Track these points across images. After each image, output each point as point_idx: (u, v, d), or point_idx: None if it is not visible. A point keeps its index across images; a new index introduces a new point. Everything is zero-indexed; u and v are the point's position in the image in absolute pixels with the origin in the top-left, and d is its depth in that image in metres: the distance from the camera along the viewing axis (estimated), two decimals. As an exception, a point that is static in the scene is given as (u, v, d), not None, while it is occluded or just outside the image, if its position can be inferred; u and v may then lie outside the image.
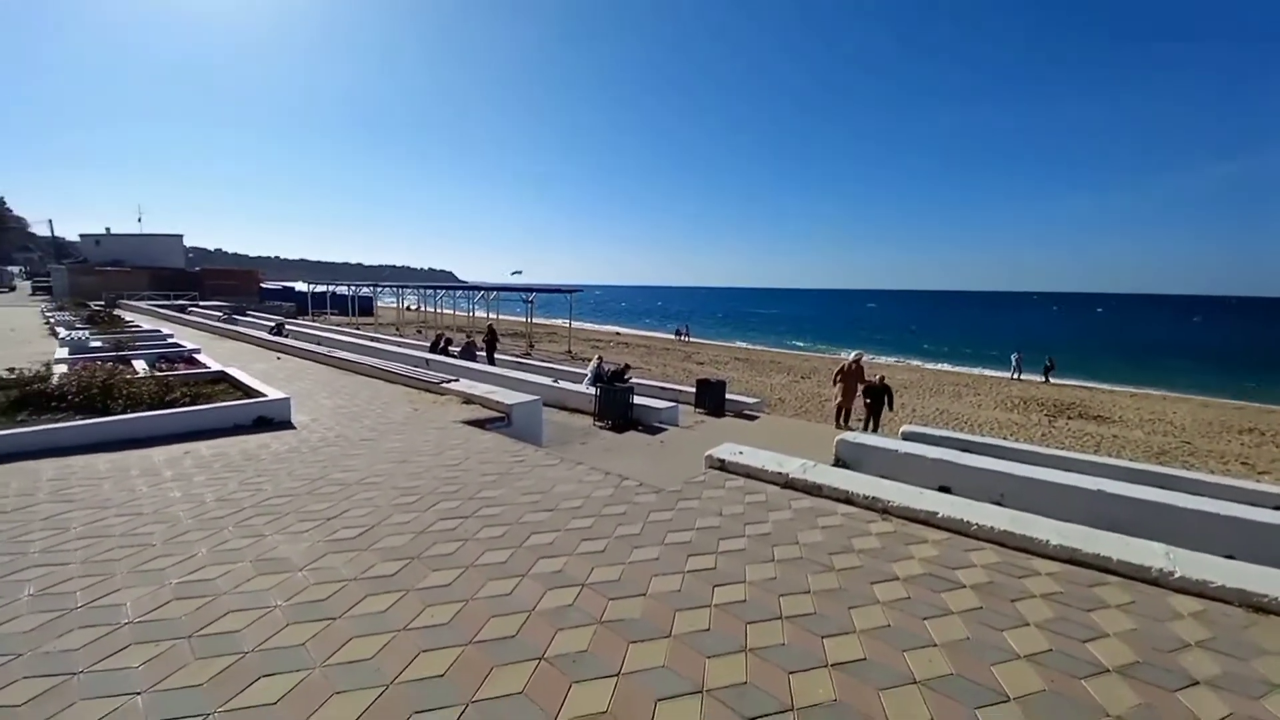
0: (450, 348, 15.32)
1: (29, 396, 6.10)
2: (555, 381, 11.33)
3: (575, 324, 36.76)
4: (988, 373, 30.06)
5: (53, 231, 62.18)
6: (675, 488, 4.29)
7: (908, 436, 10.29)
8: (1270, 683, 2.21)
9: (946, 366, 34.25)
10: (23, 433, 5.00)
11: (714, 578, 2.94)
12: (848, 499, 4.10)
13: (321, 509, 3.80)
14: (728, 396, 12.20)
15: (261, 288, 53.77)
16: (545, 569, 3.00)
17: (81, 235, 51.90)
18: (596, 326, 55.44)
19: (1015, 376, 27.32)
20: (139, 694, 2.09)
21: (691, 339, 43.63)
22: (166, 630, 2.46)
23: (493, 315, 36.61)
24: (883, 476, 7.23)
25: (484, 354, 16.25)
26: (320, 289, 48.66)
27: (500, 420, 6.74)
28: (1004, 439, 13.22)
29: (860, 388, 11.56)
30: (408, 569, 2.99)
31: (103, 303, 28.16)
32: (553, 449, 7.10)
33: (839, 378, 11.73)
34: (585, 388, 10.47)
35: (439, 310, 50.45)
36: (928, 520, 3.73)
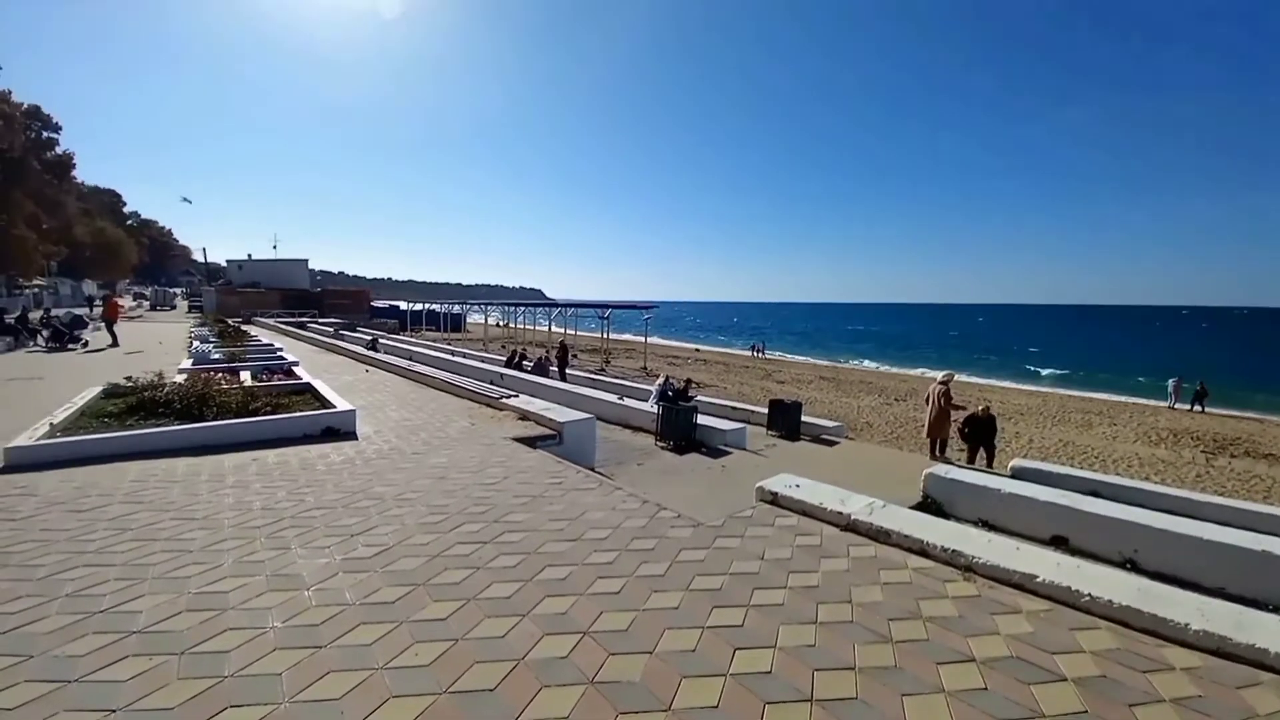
0: (524, 363, 15.72)
1: (143, 403, 6.82)
2: (621, 399, 11.18)
3: (653, 340, 36.83)
4: (1129, 399, 26.29)
5: (205, 258, 72.31)
6: (716, 522, 3.88)
7: (1018, 473, 9.03)
8: None
9: (1075, 391, 30.47)
10: (122, 435, 5.55)
11: (738, 637, 2.52)
12: (922, 550, 3.48)
13: (351, 524, 3.80)
14: (805, 419, 11.44)
15: (371, 306, 59.02)
16: (550, 609, 2.73)
17: (228, 261, 59.88)
18: (675, 343, 55.34)
19: (1172, 405, 23.67)
20: (114, 710, 2.06)
21: (767, 355, 42.29)
22: (166, 644, 2.45)
23: (570, 331, 37.55)
24: (981, 521, 6.41)
25: (557, 370, 16.53)
26: (418, 307, 52.57)
27: (551, 438, 6.64)
28: (1145, 480, 11.35)
29: (953, 414, 10.36)
30: (410, 597, 2.84)
31: (239, 319, 32.03)
32: (606, 469, 6.89)
33: (928, 401, 10.62)
34: (650, 406, 10.22)
35: (522, 326, 52.78)
36: (1024, 585, 3.05)
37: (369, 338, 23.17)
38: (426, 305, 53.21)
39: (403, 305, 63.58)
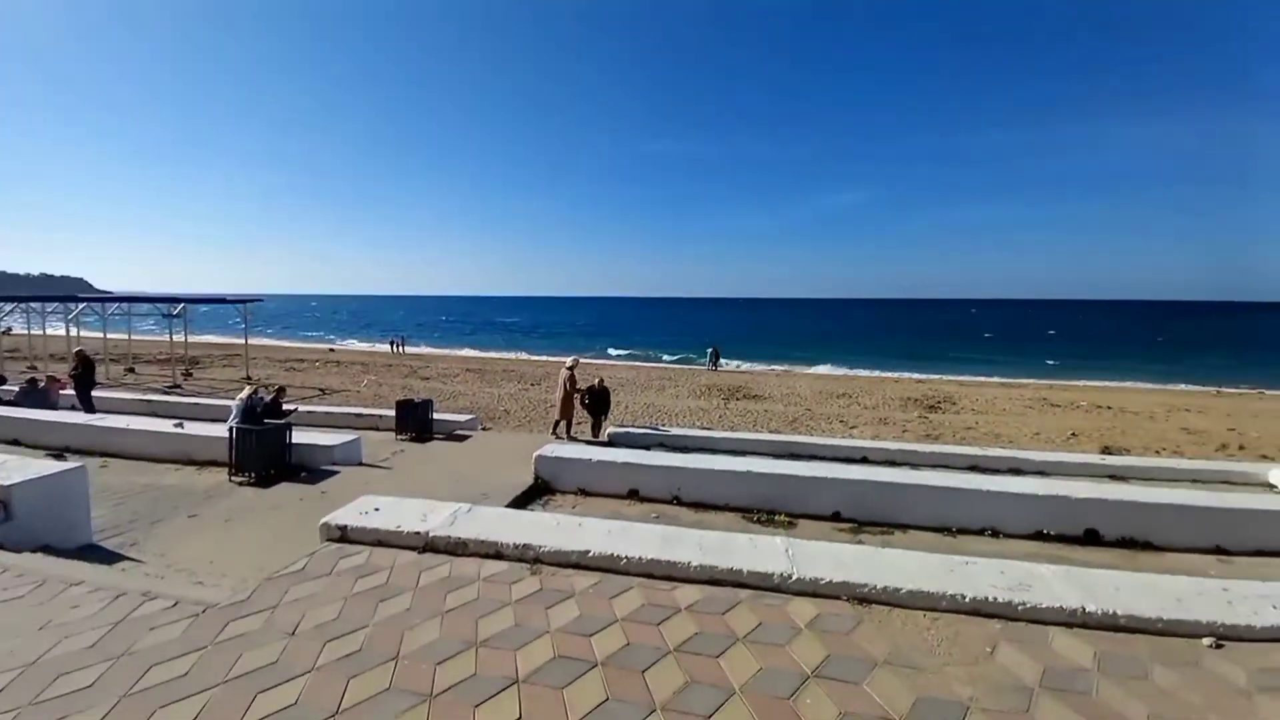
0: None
1: None
2: (180, 426, 8.11)
3: (273, 342, 29.39)
4: (686, 366, 34.54)
5: None
6: (241, 595, 2.80)
7: (614, 438, 10.38)
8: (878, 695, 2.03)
9: (655, 363, 38.40)
10: None
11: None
12: (497, 553, 3.24)
13: None
14: (437, 416, 10.64)
15: None
16: None
17: None
18: (304, 344, 46.14)
19: (711, 367, 31.85)
20: None
21: (407, 350, 39.25)
22: None
23: (125, 336, 26.73)
24: (581, 489, 6.91)
25: (75, 393, 11.04)
26: None
27: (-11, 516, 4.03)
28: (694, 426, 14.75)
29: (578, 394, 11.27)
30: None
31: None
32: (128, 535, 4.66)
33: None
34: (224, 430, 7.69)
35: (35, 333, 34.74)
36: (580, 563, 3.11)
37: None
38: None
39: None
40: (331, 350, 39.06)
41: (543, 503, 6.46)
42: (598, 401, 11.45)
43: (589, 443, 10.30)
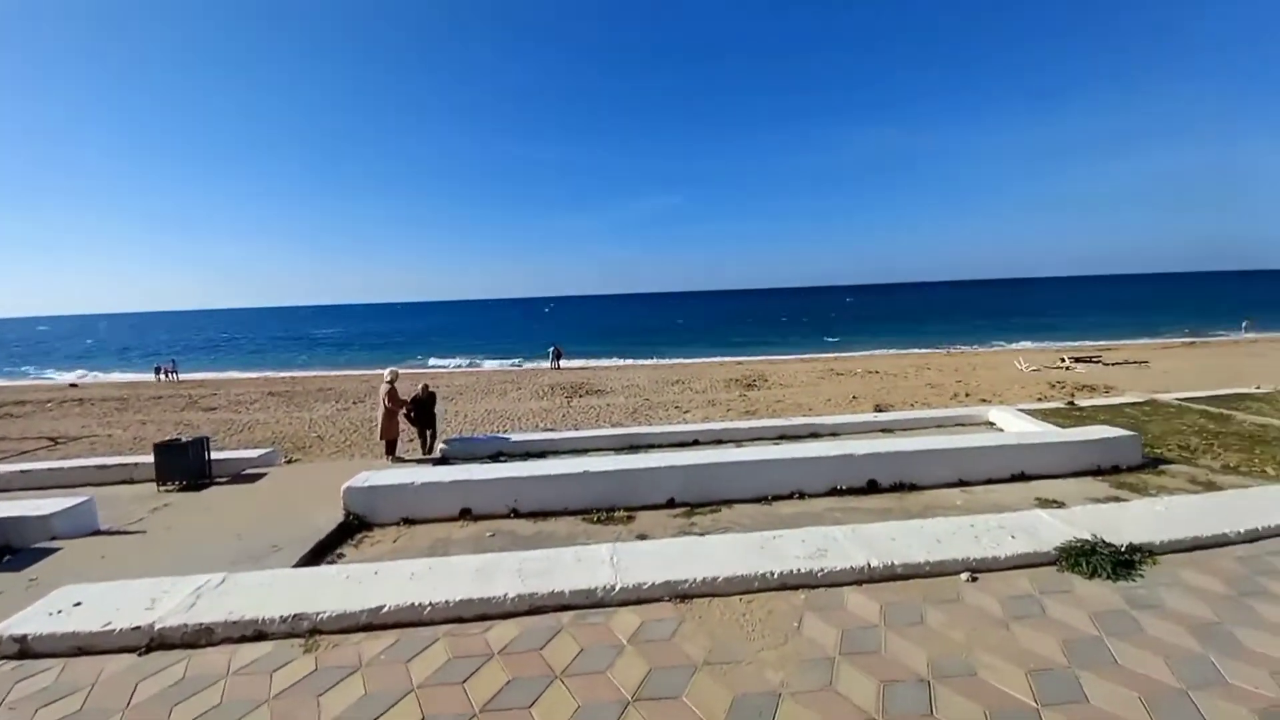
0: None
1: None
2: None
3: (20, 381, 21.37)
4: (533, 366, 33.55)
5: None
6: None
7: (448, 453, 9.40)
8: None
9: (496, 364, 36.71)
10: None
11: None
12: (259, 633, 2.50)
13: None
14: (218, 456, 8.59)
15: None
16: None
17: None
18: (40, 381, 34.89)
19: (555, 366, 31.22)
20: None
21: (180, 377, 31.56)
22: None
23: None
24: (405, 519, 6.04)
25: None
26: None
27: None
28: (537, 429, 14.24)
29: (402, 407, 9.93)
30: None
31: None
32: None
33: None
34: None
35: None
36: (371, 623, 2.53)
37: None
38: None
39: None
40: (74, 386, 30.13)
41: (355, 543, 5.49)
42: (423, 412, 10.23)
43: (418, 462, 9.24)
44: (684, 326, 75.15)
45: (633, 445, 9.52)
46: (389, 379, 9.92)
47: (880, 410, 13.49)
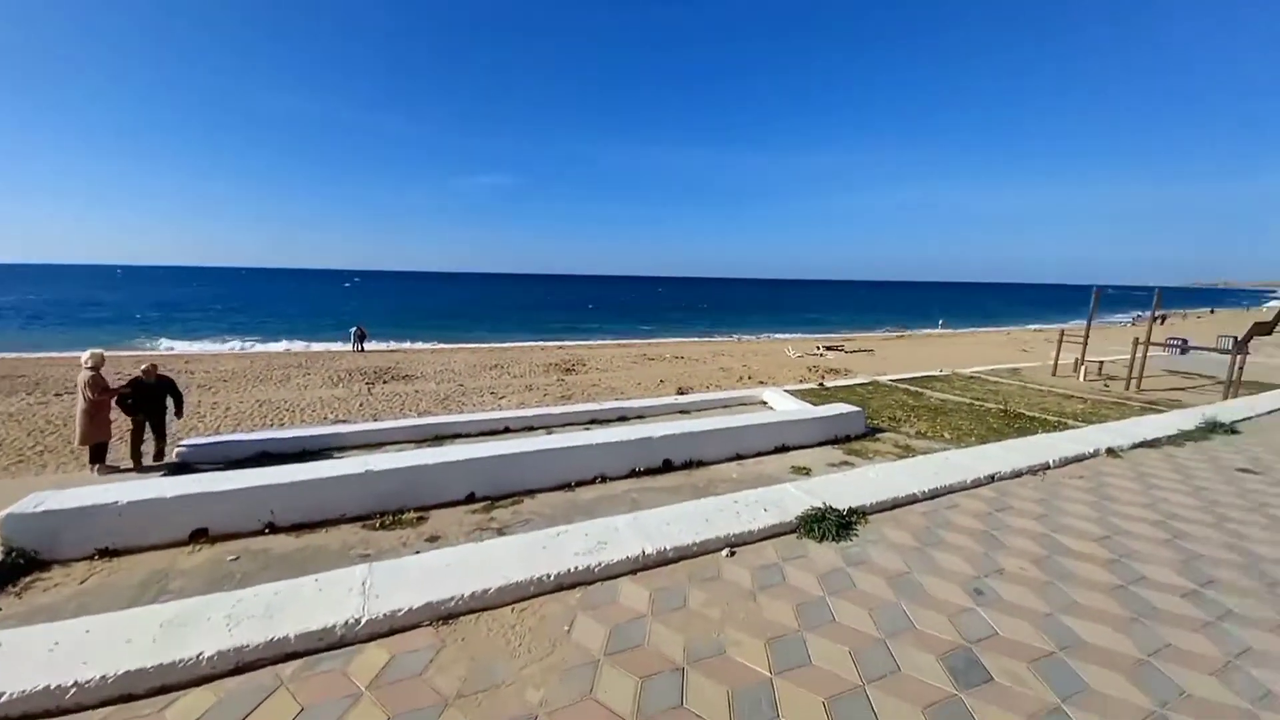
0: None
1: None
2: None
3: None
4: (328, 348, 28.71)
5: None
6: None
7: (184, 456, 7.33)
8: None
9: (285, 345, 30.72)
10: None
11: None
12: None
13: None
14: None
15: None
16: None
17: None
18: None
19: (358, 349, 27.08)
20: None
21: None
22: None
23: None
24: (103, 550, 4.51)
25: None
26: None
27: None
28: (322, 422, 12.15)
29: (113, 397, 7.32)
30: None
31: None
32: None
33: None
34: None
35: None
36: (70, 706, 1.68)
37: None
38: None
39: None
40: None
41: (17, 590, 3.90)
42: (146, 401, 7.57)
43: (142, 471, 7.13)
44: (509, 307, 72.52)
45: (438, 436, 8.64)
46: (89, 364, 7.29)
47: (682, 393, 14.62)
